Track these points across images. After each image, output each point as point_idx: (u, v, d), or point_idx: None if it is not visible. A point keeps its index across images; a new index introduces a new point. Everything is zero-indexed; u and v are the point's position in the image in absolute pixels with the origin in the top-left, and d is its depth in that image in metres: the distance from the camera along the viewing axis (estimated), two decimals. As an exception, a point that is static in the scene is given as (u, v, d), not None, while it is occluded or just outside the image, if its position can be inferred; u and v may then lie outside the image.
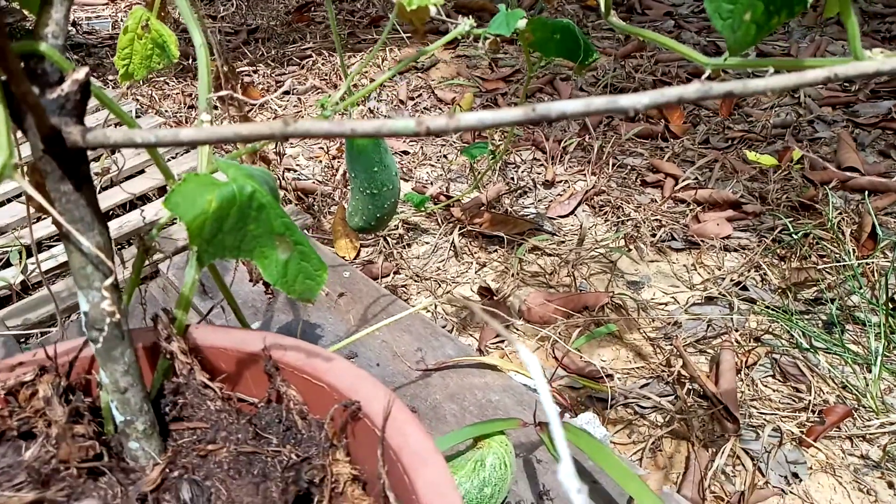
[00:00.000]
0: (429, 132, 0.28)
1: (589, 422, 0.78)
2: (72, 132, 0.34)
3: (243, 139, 0.31)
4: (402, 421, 0.39)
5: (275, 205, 0.42)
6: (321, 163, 1.75)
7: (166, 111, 2.00)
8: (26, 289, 1.18)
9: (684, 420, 1.02)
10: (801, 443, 0.98)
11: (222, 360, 0.45)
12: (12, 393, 0.40)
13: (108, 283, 0.36)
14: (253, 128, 0.30)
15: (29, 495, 0.34)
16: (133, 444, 0.38)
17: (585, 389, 1.07)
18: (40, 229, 1.28)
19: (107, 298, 0.36)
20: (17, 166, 0.43)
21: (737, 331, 1.17)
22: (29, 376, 0.41)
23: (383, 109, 2.00)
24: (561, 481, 0.21)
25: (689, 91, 0.27)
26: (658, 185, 1.58)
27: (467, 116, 0.27)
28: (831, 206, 1.37)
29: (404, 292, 1.29)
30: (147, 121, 1.70)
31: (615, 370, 1.11)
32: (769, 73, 0.44)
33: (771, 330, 1.17)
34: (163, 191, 1.45)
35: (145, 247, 0.46)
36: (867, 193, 1.45)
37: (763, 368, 1.10)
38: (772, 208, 1.46)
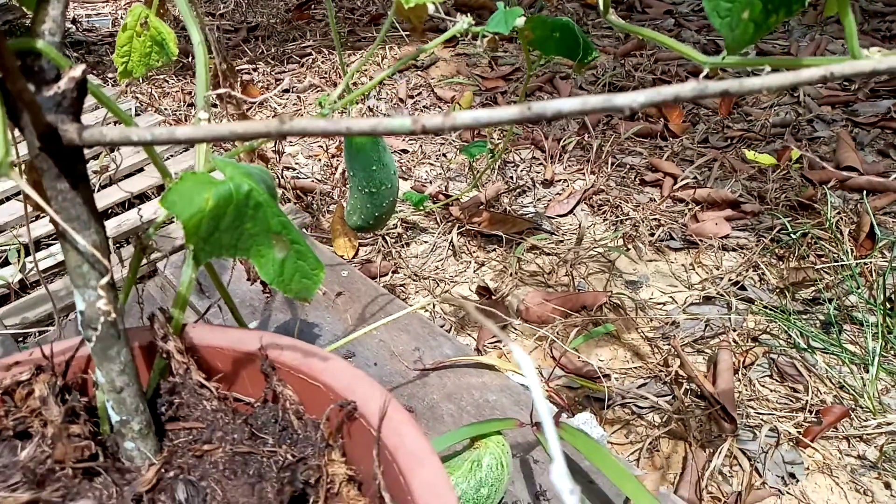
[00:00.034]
0: (425, 131, 0.27)
1: (586, 422, 0.78)
2: (68, 130, 0.34)
3: (240, 137, 0.31)
4: (399, 421, 0.39)
5: (272, 203, 0.42)
6: (320, 161, 1.75)
7: (166, 109, 2.00)
8: (25, 287, 1.18)
9: (681, 420, 1.02)
10: (798, 443, 0.98)
11: (219, 360, 0.45)
12: (8, 392, 0.40)
13: (104, 282, 0.36)
14: (249, 126, 0.30)
15: (24, 496, 0.34)
16: (129, 444, 0.38)
17: (583, 389, 1.07)
18: (39, 228, 1.28)
19: (103, 297, 0.36)
20: (14, 164, 0.43)
21: (734, 331, 1.17)
22: (25, 376, 0.40)
23: (383, 107, 2.00)
24: (553, 482, 0.21)
25: (686, 90, 0.27)
26: (657, 184, 1.58)
27: (463, 115, 0.27)
28: (830, 206, 1.37)
29: (402, 291, 1.29)
30: (146, 119, 1.69)
31: (613, 370, 1.11)
32: (766, 71, 0.44)
33: (769, 330, 1.17)
34: (162, 189, 1.45)
35: (142, 246, 0.46)
36: (866, 193, 1.45)
37: (760, 368, 1.10)
38: (770, 208, 1.46)
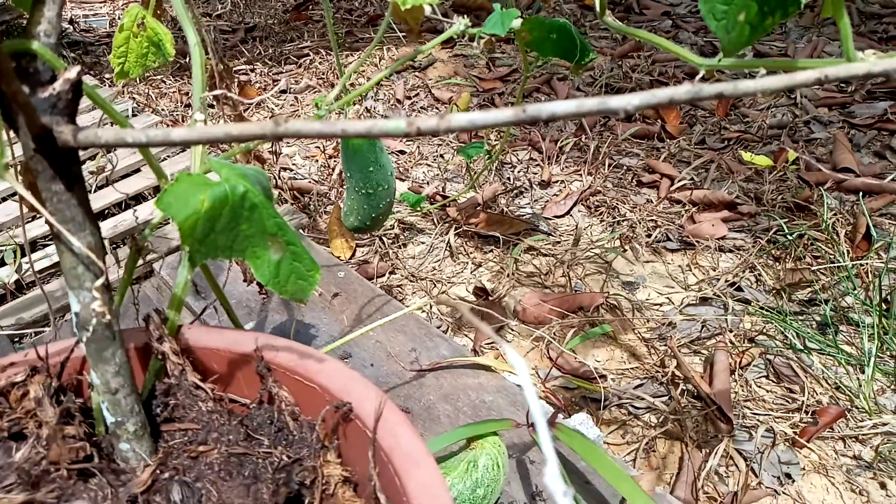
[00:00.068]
0: (420, 133, 0.27)
1: (582, 422, 0.78)
2: (63, 131, 0.34)
3: (234, 139, 0.31)
4: (394, 422, 0.39)
5: (267, 205, 0.42)
6: (317, 162, 1.75)
7: (163, 110, 2.00)
8: (21, 288, 1.18)
9: (678, 421, 1.02)
10: (794, 443, 0.98)
11: (214, 361, 0.45)
12: (3, 394, 0.40)
13: (99, 283, 0.36)
14: (244, 128, 0.30)
15: (19, 497, 0.34)
16: (124, 446, 0.38)
17: (579, 390, 1.07)
18: (35, 228, 1.28)
19: (97, 299, 0.36)
20: (10, 165, 0.43)
21: (731, 331, 1.17)
22: (20, 377, 0.40)
23: (380, 108, 2.00)
24: (547, 484, 0.21)
25: (680, 92, 0.27)
26: (654, 185, 1.58)
27: (458, 117, 0.27)
28: (826, 207, 1.38)
29: (399, 292, 1.29)
30: (143, 119, 1.69)
31: (609, 371, 1.11)
32: (761, 74, 0.44)
33: (765, 331, 1.17)
34: (158, 190, 1.45)
35: (138, 247, 0.46)
36: (862, 194, 1.45)
37: (757, 369, 1.11)
38: (767, 209, 1.46)
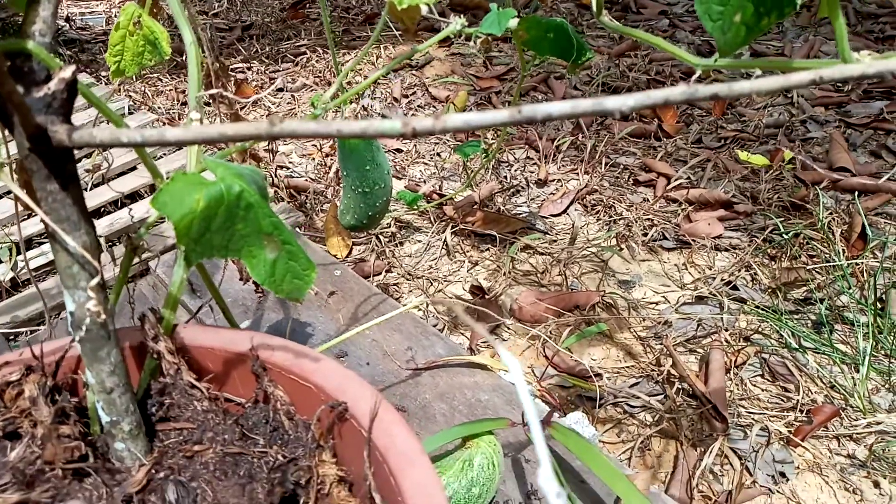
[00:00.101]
0: (415, 134, 0.28)
1: (578, 421, 0.78)
2: (58, 131, 0.34)
3: (230, 139, 0.31)
4: (389, 422, 0.39)
5: (263, 204, 0.42)
6: (314, 160, 1.75)
7: (159, 108, 1.99)
8: (16, 285, 1.17)
9: (673, 419, 1.02)
10: (788, 442, 0.99)
11: (210, 360, 0.45)
12: (-2, 392, 0.40)
13: (94, 283, 0.36)
14: (239, 128, 0.30)
15: (13, 496, 0.34)
16: (119, 445, 0.38)
17: (575, 388, 1.08)
18: (30, 226, 1.28)
19: (92, 299, 0.36)
20: (4, 164, 0.42)
21: (726, 330, 1.17)
22: (15, 376, 0.40)
23: (377, 107, 2.00)
24: (541, 485, 0.21)
25: (675, 94, 0.27)
26: (650, 184, 1.59)
27: (453, 118, 0.27)
28: (822, 207, 1.38)
29: (396, 291, 1.29)
30: (139, 117, 1.69)
31: (605, 369, 1.12)
32: (756, 74, 0.44)
33: (760, 329, 1.17)
34: (154, 188, 1.44)
35: (133, 246, 0.46)
36: (857, 194, 1.45)
37: (752, 368, 1.11)
38: (763, 208, 1.46)
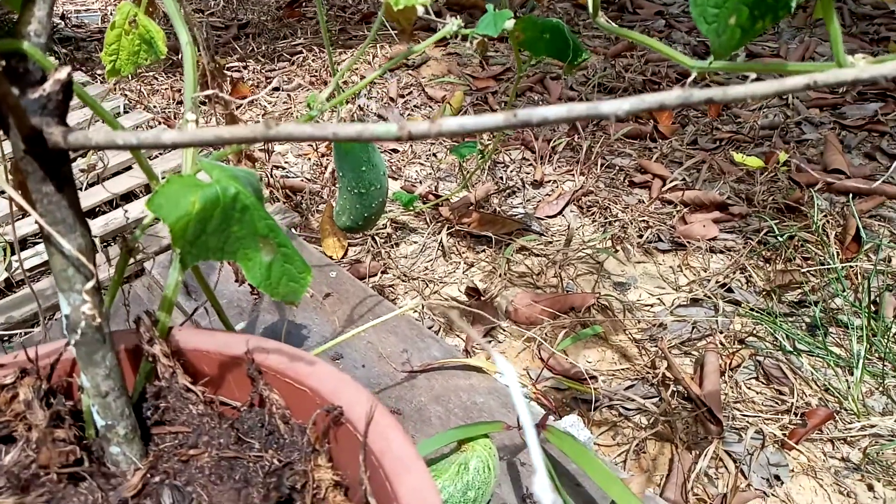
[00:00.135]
0: (411, 137, 0.27)
1: (573, 424, 0.78)
2: (53, 133, 0.34)
3: (225, 142, 0.31)
4: (385, 426, 0.39)
5: (258, 206, 0.42)
6: (310, 160, 1.75)
7: (155, 107, 1.99)
8: (10, 286, 1.17)
9: (668, 422, 1.02)
10: (783, 445, 0.99)
11: (205, 363, 0.45)
12: (-9, 396, 0.40)
13: (89, 286, 0.36)
14: (234, 131, 0.30)
15: (8, 501, 0.34)
16: (114, 449, 0.38)
17: (570, 391, 1.08)
18: (25, 226, 1.27)
19: (87, 302, 0.36)
20: (-2, 167, 0.42)
21: (721, 333, 1.18)
22: (9, 379, 0.40)
23: (373, 107, 1.99)
24: (535, 492, 0.21)
25: (670, 98, 0.27)
26: (646, 185, 1.59)
27: (449, 122, 0.27)
28: (816, 209, 1.38)
29: (391, 292, 1.29)
30: (134, 116, 1.68)
31: (600, 372, 1.12)
32: (751, 77, 0.44)
33: (755, 332, 1.17)
34: (149, 188, 1.44)
35: (129, 247, 0.46)
36: (852, 196, 1.46)
37: (747, 371, 1.11)
38: (758, 210, 1.47)
